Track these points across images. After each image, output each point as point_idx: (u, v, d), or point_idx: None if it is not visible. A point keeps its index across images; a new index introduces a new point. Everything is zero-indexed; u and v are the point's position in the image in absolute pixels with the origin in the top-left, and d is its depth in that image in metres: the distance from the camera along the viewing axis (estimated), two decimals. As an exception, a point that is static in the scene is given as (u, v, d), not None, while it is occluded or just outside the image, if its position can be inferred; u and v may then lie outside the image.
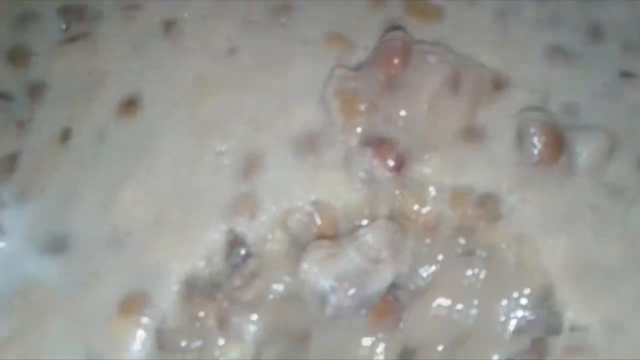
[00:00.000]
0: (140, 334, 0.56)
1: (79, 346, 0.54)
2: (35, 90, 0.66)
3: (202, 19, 0.71)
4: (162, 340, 0.57)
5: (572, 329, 0.57)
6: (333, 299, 0.61)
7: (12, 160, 0.63)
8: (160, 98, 0.66)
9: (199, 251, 0.60)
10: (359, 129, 0.64)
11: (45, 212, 0.60)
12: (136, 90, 0.66)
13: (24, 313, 0.56)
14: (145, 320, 0.56)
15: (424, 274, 0.65)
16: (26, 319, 0.55)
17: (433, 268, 0.65)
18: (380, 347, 0.64)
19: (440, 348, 0.64)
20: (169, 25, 0.70)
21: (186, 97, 0.66)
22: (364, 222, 0.64)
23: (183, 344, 0.59)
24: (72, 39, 0.69)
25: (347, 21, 0.71)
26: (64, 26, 0.70)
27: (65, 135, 0.64)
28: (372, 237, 0.62)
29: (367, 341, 0.64)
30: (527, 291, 0.62)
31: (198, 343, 0.59)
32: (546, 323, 0.60)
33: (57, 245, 0.59)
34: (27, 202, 0.61)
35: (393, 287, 0.64)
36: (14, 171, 0.62)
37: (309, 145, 0.65)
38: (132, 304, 0.56)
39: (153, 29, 0.70)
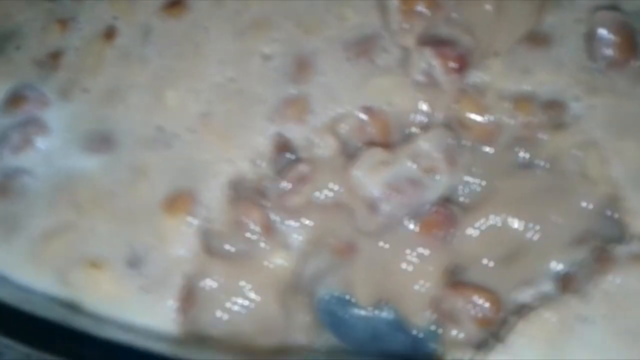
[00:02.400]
0: (186, 232, 0.54)
1: (123, 241, 0.53)
2: (79, -13, 0.65)
3: None
4: (207, 242, 0.55)
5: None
6: (384, 207, 0.57)
7: (55, 58, 0.61)
8: (206, -2, 0.65)
9: (245, 153, 0.57)
10: (418, 30, 0.60)
11: (89, 110, 0.59)
12: (181, -12, 0.65)
13: (69, 207, 0.55)
14: (191, 219, 0.54)
15: (479, 187, 0.62)
16: (71, 213, 0.54)
17: (489, 180, 0.62)
18: (427, 262, 0.62)
19: (492, 263, 0.62)
20: None
21: (232, -2, 0.65)
22: (417, 130, 0.63)
23: (227, 247, 0.57)
24: None
25: None
26: None
27: (110, 34, 0.62)
28: (427, 145, 0.58)
29: (414, 255, 0.63)
30: (591, 201, 0.58)
31: (243, 247, 0.58)
32: (610, 232, 0.56)
33: (101, 143, 0.57)
34: (71, 101, 0.59)
35: (446, 199, 0.61)
36: (57, 69, 0.61)
37: (361, 48, 0.61)
38: (179, 202, 0.54)
39: None
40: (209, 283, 0.54)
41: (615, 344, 0.50)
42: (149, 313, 0.50)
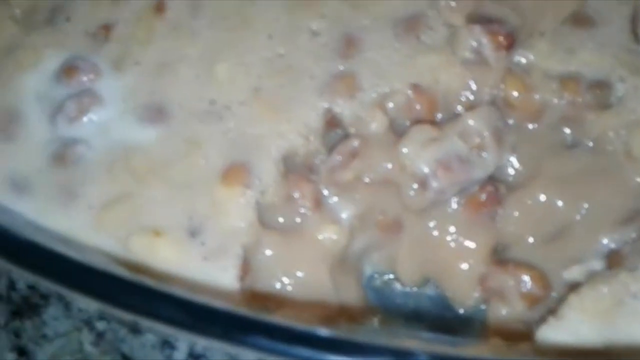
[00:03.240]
0: (243, 203, 0.54)
1: (180, 211, 0.54)
2: (127, -39, 0.65)
3: None
4: (261, 214, 0.56)
5: None
6: (434, 184, 0.58)
7: (106, 30, 0.61)
8: (255, -28, 0.65)
9: (296, 128, 0.58)
10: (466, 9, 0.60)
11: (141, 83, 0.59)
12: (230, -38, 0.65)
13: (126, 177, 0.55)
14: (247, 191, 0.55)
15: (525, 166, 0.63)
16: (129, 183, 0.55)
17: (535, 160, 0.63)
18: (474, 240, 0.64)
19: (539, 242, 0.63)
20: None
21: (281, -28, 0.65)
22: (464, 108, 0.63)
23: (280, 220, 0.58)
24: None
25: None
26: None
27: (159, 7, 0.62)
28: (475, 123, 0.59)
29: (460, 233, 0.64)
30: (637, 180, 0.59)
31: (294, 220, 0.58)
32: (658, 211, 0.59)
33: (155, 114, 0.58)
34: (123, 73, 0.59)
35: (492, 177, 0.62)
36: (108, 41, 0.61)
37: (409, 25, 0.62)
38: (234, 174, 0.55)
39: None
40: (265, 254, 0.55)
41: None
42: (211, 281, 0.51)
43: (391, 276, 0.65)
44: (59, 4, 0.63)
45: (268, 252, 0.55)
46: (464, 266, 0.62)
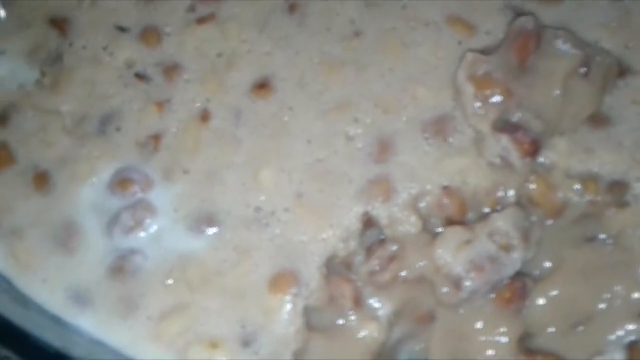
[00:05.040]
0: (290, 310, 0.57)
1: (235, 320, 0.56)
2: (170, 71, 0.67)
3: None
4: (308, 318, 0.59)
5: None
6: (468, 284, 0.61)
7: (155, 140, 0.64)
8: (290, 79, 0.67)
9: (337, 232, 0.61)
10: (492, 116, 0.64)
11: (190, 191, 0.62)
12: (267, 71, 0.67)
13: (182, 287, 0.58)
14: (294, 297, 0.58)
15: (549, 260, 0.66)
16: (185, 293, 0.58)
17: (557, 254, 0.66)
18: (502, 331, 0.66)
19: (562, 332, 0.66)
20: (292, 6, 0.71)
21: (314, 78, 0.67)
22: (490, 208, 0.66)
23: (324, 321, 0.61)
24: (201, 20, 0.69)
25: (467, 4, 0.71)
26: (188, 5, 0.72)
27: (205, 116, 0.65)
28: (503, 224, 0.62)
29: (489, 325, 0.68)
30: (655, 276, 0.64)
31: (337, 321, 0.62)
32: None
33: (205, 222, 0.61)
34: (173, 182, 0.62)
35: (519, 272, 0.65)
36: (157, 151, 0.64)
37: (436, 129, 0.65)
38: (282, 281, 0.58)
39: (277, 9, 0.70)
40: (310, 357, 0.59)
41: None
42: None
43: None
44: (109, 113, 0.66)
45: (312, 355, 0.58)
46: (492, 355, 0.66)
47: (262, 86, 0.67)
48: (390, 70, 0.68)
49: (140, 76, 0.67)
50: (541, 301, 0.66)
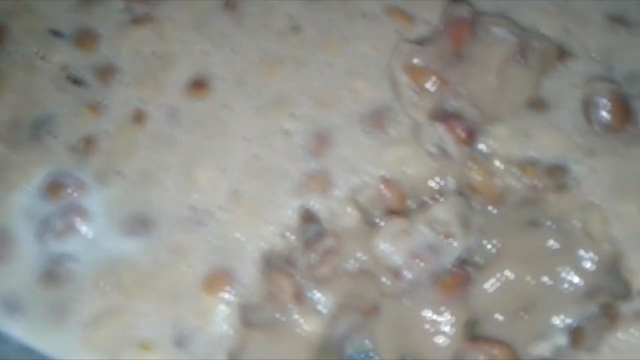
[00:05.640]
0: (225, 309, 0.57)
1: (169, 322, 0.56)
2: (105, 73, 0.66)
3: (262, -3, 0.71)
4: (245, 315, 0.58)
5: None
6: (408, 274, 0.61)
7: (88, 143, 0.63)
8: (227, 77, 0.66)
9: (274, 228, 0.61)
10: (428, 105, 0.64)
11: (125, 194, 0.61)
12: (203, 70, 0.66)
13: (115, 291, 0.57)
14: (229, 296, 0.57)
15: (491, 246, 0.66)
16: (117, 297, 0.57)
17: (500, 240, 0.66)
18: (446, 319, 0.65)
19: (507, 318, 0.66)
20: (229, 4, 0.70)
21: (252, 75, 0.66)
22: (430, 197, 0.65)
23: (263, 318, 0.60)
24: (136, 21, 0.68)
25: (405, -6, 0.72)
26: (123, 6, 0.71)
27: (139, 117, 0.64)
28: (442, 213, 0.62)
29: (434, 313, 0.67)
30: (594, 259, 0.62)
31: (277, 317, 0.61)
32: (616, 288, 0.60)
33: (139, 226, 0.60)
34: (106, 185, 0.62)
35: (461, 260, 0.64)
36: (90, 154, 0.63)
37: (375, 120, 0.65)
38: (216, 281, 0.58)
39: (214, 8, 0.69)
40: (248, 355, 0.58)
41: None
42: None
43: (373, 355, 0.68)
44: (42, 118, 0.65)
45: (252, 352, 0.58)
46: (439, 343, 0.65)
47: (198, 85, 0.66)
48: (330, 65, 0.68)
49: (74, 80, 0.66)
50: (486, 288, 0.66)
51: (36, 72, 0.67)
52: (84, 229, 0.59)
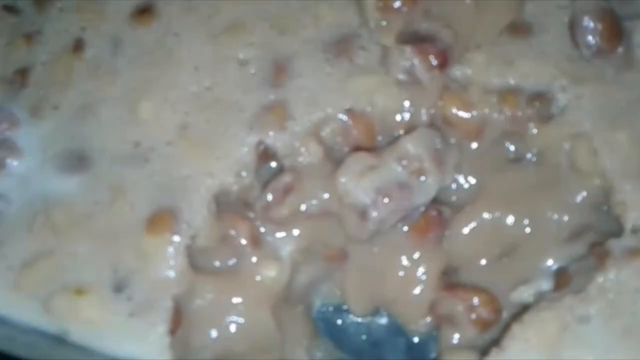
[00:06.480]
0: (171, 251, 0.51)
1: (107, 265, 0.51)
2: (42, 0, 0.61)
3: None
4: (194, 259, 0.53)
5: (635, 230, 0.52)
6: (374, 213, 0.55)
7: (22, 75, 0.58)
8: (176, 3, 0.60)
9: (227, 165, 0.55)
10: (396, 27, 0.57)
11: (61, 129, 0.56)
12: (150, -5, 0.62)
13: (47, 232, 0.52)
14: (175, 237, 0.52)
15: (469, 185, 0.60)
16: (50, 239, 0.52)
17: (479, 177, 0.60)
18: (421, 265, 0.60)
19: (487, 263, 0.61)
20: None
21: (203, 1, 0.60)
22: (403, 131, 0.61)
23: (216, 263, 0.55)
24: None
25: None
26: None
27: (78, 47, 0.59)
28: (413, 147, 0.56)
29: (407, 259, 0.62)
30: (583, 194, 0.56)
31: (232, 262, 0.55)
32: (605, 225, 0.55)
33: (76, 162, 0.55)
34: (41, 119, 0.56)
35: (436, 200, 0.59)
36: (25, 87, 0.58)
37: (340, 48, 0.59)
38: (160, 221, 0.52)
39: None
40: (199, 302, 0.52)
41: (613, 343, 0.49)
42: (139, 339, 0.48)
43: (343, 306, 0.63)
44: (-28, 50, 0.60)
45: (203, 300, 0.52)
46: (413, 293, 0.60)
47: (144, 12, 0.60)
48: (289, -12, 0.62)
49: (9, 8, 0.61)
50: (464, 231, 0.60)
51: (-32, 1, 0.61)
52: (14, 166, 0.54)
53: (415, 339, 0.61)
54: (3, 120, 0.55)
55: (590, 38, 0.58)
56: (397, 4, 0.57)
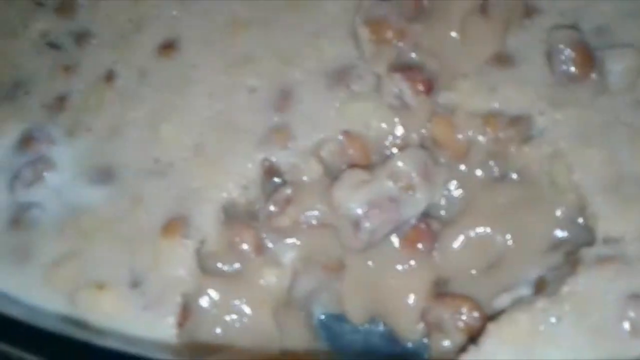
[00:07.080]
0: (182, 253, 0.57)
1: (125, 264, 0.57)
2: (81, 38, 0.69)
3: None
4: (202, 262, 0.59)
5: (606, 240, 0.56)
6: (366, 224, 0.60)
7: (61, 101, 0.66)
8: (196, 39, 0.68)
9: (235, 180, 0.61)
10: (388, 57, 0.63)
11: (92, 147, 0.63)
12: (174, 33, 0.68)
13: (75, 236, 0.59)
14: (186, 240, 0.58)
15: (457, 201, 0.65)
16: (78, 241, 0.58)
17: (465, 194, 0.65)
18: (414, 276, 0.64)
19: (475, 273, 0.64)
20: (200, -28, 0.73)
21: (220, 37, 0.68)
22: (395, 150, 0.65)
23: (222, 266, 0.60)
24: None
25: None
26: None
27: (109, 77, 0.66)
28: (403, 163, 0.61)
29: (400, 270, 0.66)
30: (560, 208, 0.61)
31: (236, 266, 0.61)
32: (581, 237, 0.58)
33: (103, 176, 0.62)
34: (75, 139, 0.64)
35: (426, 215, 0.64)
36: (63, 111, 0.65)
37: (339, 77, 0.65)
38: (173, 226, 0.58)
39: None
40: (206, 300, 0.58)
41: (583, 342, 0.52)
42: (149, 329, 0.54)
43: (341, 314, 0.67)
44: (20, 79, 0.68)
45: (209, 298, 0.58)
46: (406, 302, 0.64)
47: (167, 47, 0.68)
48: (296, 26, 0.69)
49: (52, 44, 0.69)
50: (453, 243, 0.64)
51: (18, 38, 0.70)
52: (51, 179, 0.61)
53: (409, 346, 0.64)
54: (43, 139, 0.63)
55: (565, 66, 0.63)
56: (389, 37, 0.64)
